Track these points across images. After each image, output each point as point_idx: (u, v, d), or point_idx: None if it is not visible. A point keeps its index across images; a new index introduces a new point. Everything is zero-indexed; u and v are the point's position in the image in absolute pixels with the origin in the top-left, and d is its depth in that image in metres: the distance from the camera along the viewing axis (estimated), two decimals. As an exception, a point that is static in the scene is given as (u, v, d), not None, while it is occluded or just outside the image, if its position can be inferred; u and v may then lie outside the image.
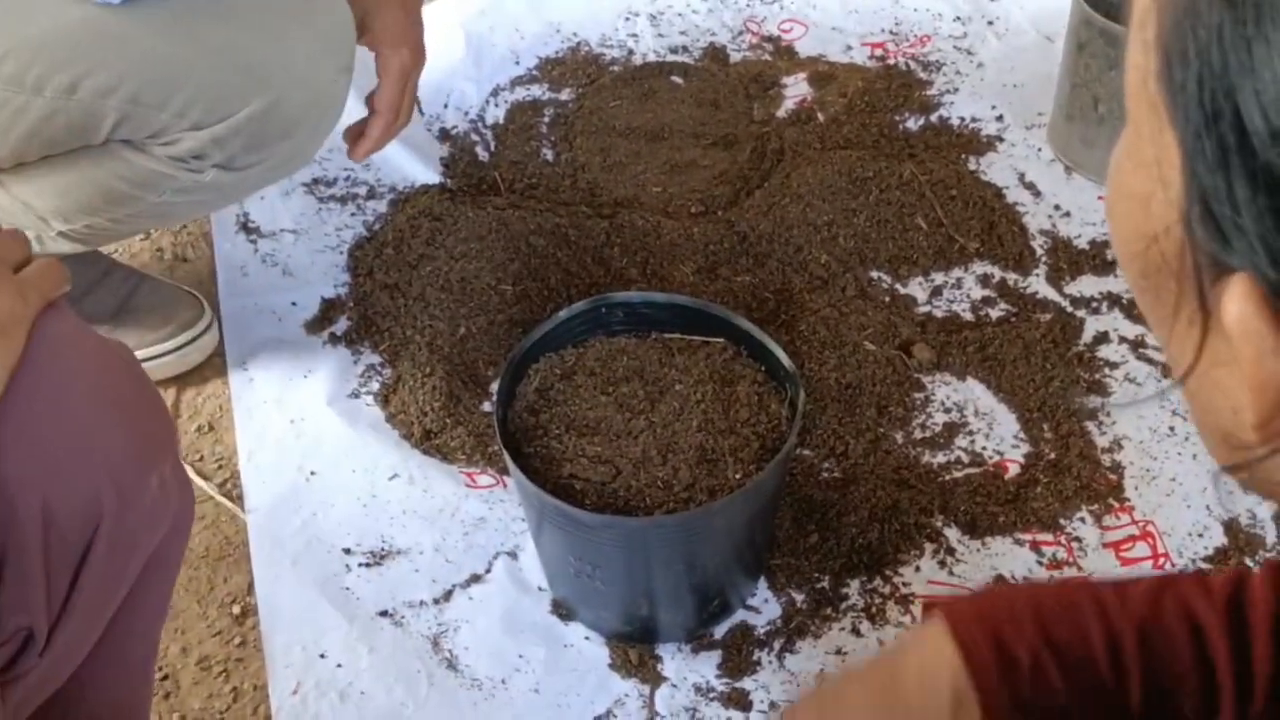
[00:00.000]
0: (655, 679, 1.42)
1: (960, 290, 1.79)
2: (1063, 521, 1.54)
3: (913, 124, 2.02)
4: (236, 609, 1.50)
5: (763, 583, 1.48)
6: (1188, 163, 0.49)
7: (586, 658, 1.44)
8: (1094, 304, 1.77)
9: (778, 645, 1.44)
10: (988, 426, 1.64)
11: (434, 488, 1.58)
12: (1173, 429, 1.62)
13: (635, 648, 1.44)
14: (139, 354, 1.02)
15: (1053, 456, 1.60)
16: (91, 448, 0.91)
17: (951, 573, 1.50)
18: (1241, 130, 0.47)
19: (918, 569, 1.50)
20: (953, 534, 1.53)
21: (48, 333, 0.91)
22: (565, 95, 2.08)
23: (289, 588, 1.50)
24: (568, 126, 2.02)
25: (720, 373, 1.41)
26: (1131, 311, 1.75)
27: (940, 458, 1.60)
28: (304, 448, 1.63)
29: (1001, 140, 2.00)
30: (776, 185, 1.89)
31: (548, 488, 1.31)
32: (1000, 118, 2.03)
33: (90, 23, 1.34)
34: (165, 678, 1.44)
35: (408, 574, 1.51)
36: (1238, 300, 0.49)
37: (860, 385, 1.65)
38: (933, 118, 2.03)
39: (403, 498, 1.58)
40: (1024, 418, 1.64)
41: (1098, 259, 1.82)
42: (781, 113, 2.04)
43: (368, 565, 1.52)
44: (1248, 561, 1.48)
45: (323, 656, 1.44)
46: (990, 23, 2.19)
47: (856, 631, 1.45)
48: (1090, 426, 1.62)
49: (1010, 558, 1.51)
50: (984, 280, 1.80)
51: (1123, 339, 1.72)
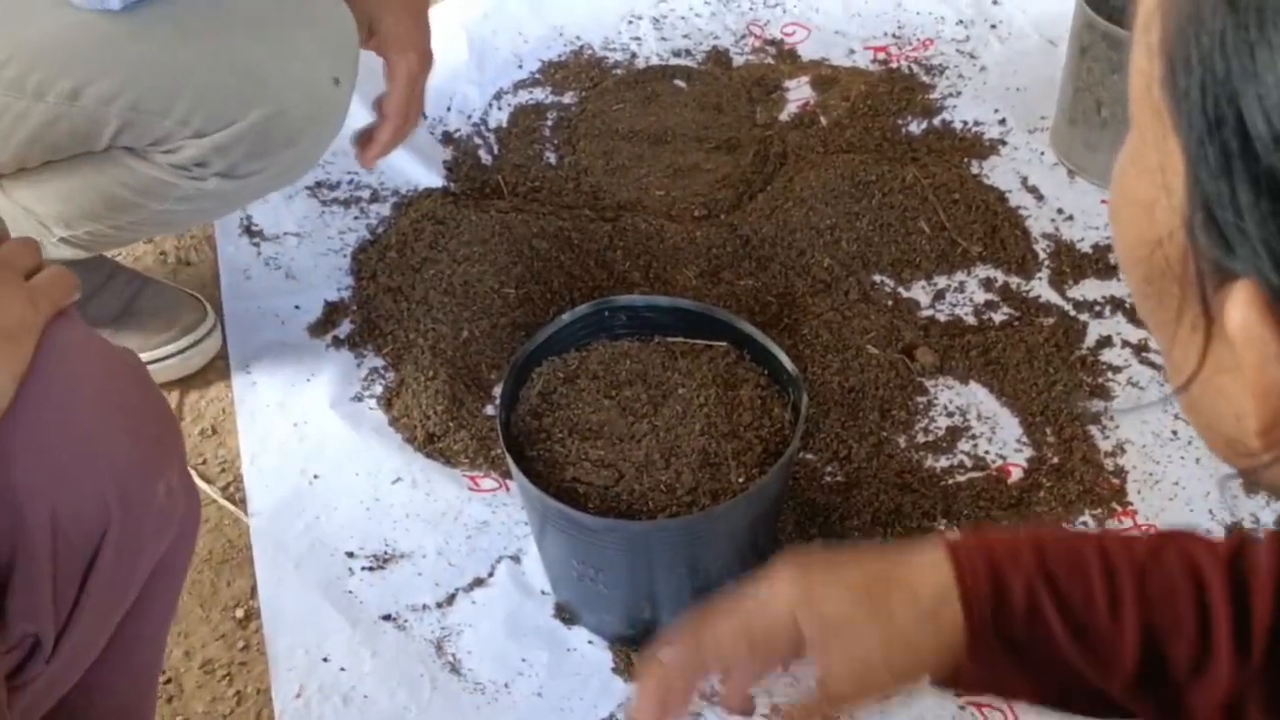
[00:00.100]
0: (658, 683, 1.42)
1: (963, 294, 1.79)
2: (1065, 525, 1.54)
3: (915, 128, 2.02)
4: (240, 613, 1.50)
5: (766, 586, 1.48)
6: (1191, 168, 0.50)
7: (589, 661, 1.44)
8: (1097, 308, 1.77)
9: (781, 649, 1.44)
10: (990, 430, 1.64)
11: (437, 491, 1.58)
12: (1176, 433, 1.62)
13: (638, 651, 1.44)
14: (142, 357, 1.02)
15: (1055, 461, 1.60)
16: (99, 454, 0.91)
17: (954, 577, 1.50)
18: (1245, 135, 0.47)
19: (920, 573, 1.50)
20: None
21: (57, 340, 0.91)
22: (568, 98, 2.08)
23: (292, 591, 1.50)
24: (570, 130, 2.02)
25: (723, 376, 1.41)
26: (1134, 315, 1.75)
27: (943, 462, 1.60)
28: (307, 451, 1.63)
29: (1004, 144, 2.00)
30: (779, 189, 1.89)
31: (551, 491, 1.32)
32: (1003, 121, 2.03)
33: (93, 29, 1.35)
34: (169, 681, 1.44)
35: (411, 577, 1.51)
36: (1241, 306, 0.49)
37: (863, 389, 1.65)
38: (935, 121, 2.03)
39: (406, 501, 1.58)
40: (1027, 422, 1.64)
41: (1100, 263, 1.82)
42: (784, 116, 2.04)
43: (371, 569, 1.52)
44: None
45: (326, 660, 1.44)
46: (993, 26, 2.19)
47: (859, 635, 1.45)
48: (1093, 430, 1.62)
49: (1013, 562, 1.51)
50: (987, 284, 1.80)
51: (1125, 343, 1.72)
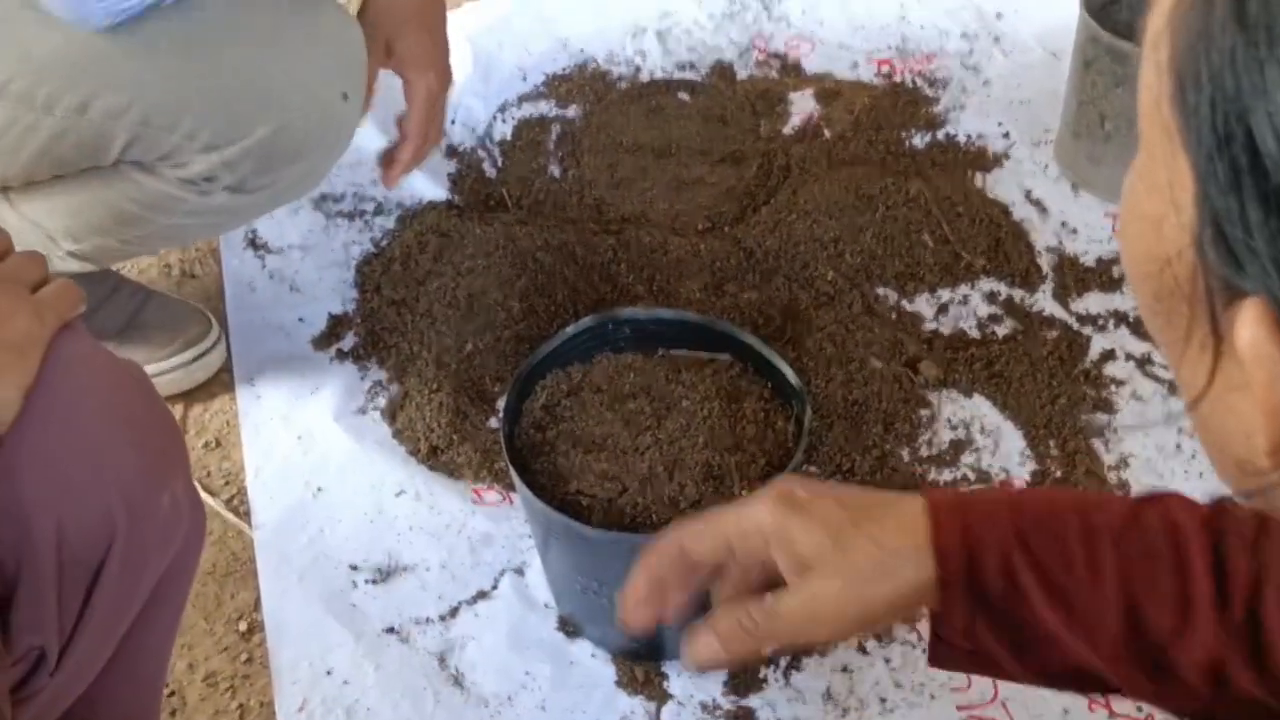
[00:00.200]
0: (661, 696, 1.42)
1: (967, 307, 1.79)
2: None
3: (919, 141, 2.02)
4: (243, 625, 1.50)
5: (769, 600, 1.48)
6: (1200, 185, 0.50)
7: (593, 675, 1.44)
8: (1100, 321, 1.77)
9: (784, 663, 1.44)
10: (994, 444, 1.64)
11: (441, 504, 1.58)
12: (1179, 446, 1.62)
13: (641, 665, 1.44)
14: (146, 370, 1.02)
15: (1059, 474, 1.60)
16: (104, 467, 0.91)
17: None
18: (1254, 152, 0.47)
19: (924, 586, 1.50)
20: (959, 551, 1.53)
21: (62, 353, 0.91)
22: (572, 112, 2.09)
23: (296, 604, 1.50)
24: (575, 143, 2.02)
25: (727, 389, 1.41)
26: (1138, 329, 1.75)
27: (946, 475, 1.60)
28: (311, 464, 1.63)
29: (1008, 157, 2.00)
30: (783, 202, 1.89)
31: (554, 504, 1.31)
32: (1007, 135, 2.03)
33: (102, 44, 1.35)
34: (172, 694, 1.44)
35: (414, 590, 1.51)
36: (1250, 324, 0.49)
37: (866, 402, 1.65)
38: (939, 135, 2.03)
39: (409, 514, 1.58)
40: (1030, 435, 1.64)
41: (1104, 276, 1.82)
42: (788, 129, 2.05)
43: (374, 582, 1.52)
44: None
45: (329, 673, 1.44)
46: (997, 40, 2.19)
47: (863, 649, 1.45)
48: (1097, 444, 1.62)
49: (1017, 575, 1.51)
50: (990, 297, 1.80)
51: (1129, 356, 1.72)
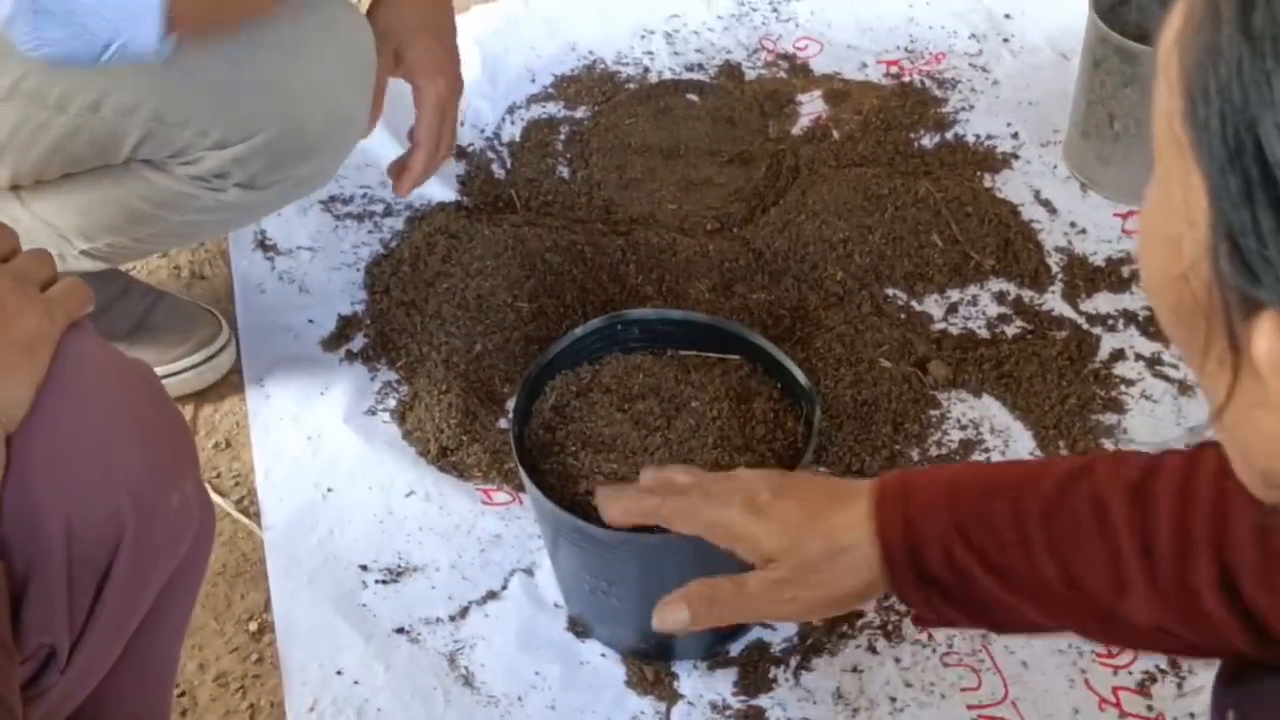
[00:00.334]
0: (671, 696, 1.42)
1: (976, 307, 1.79)
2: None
3: (928, 141, 2.02)
4: (254, 626, 1.50)
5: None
6: (1213, 199, 0.50)
7: (602, 675, 1.44)
8: (1110, 321, 1.76)
9: (794, 663, 1.44)
10: (1003, 444, 1.64)
11: (450, 505, 1.59)
12: (1188, 446, 1.61)
13: (651, 665, 1.44)
14: (156, 371, 1.02)
15: (1069, 474, 1.59)
16: (113, 465, 0.91)
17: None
18: (1264, 163, 0.47)
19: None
20: (969, 551, 1.53)
21: (71, 351, 0.92)
22: (581, 113, 2.09)
23: (306, 605, 1.50)
24: (583, 144, 2.02)
25: (736, 390, 1.41)
26: (1147, 329, 1.74)
27: (956, 475, 1.60)
28: (321, 465, 1.63)
29: (1017, 157, 2.00)
30: (792, 202, 1.89)
31: (564, 504, 1.32)
32: (1016, 135, 2.03)
33: None
34: (183, 694, 1.44)
35: (424, 591, 1.51)
36: (1268, 335, 0.49)
37: (876, 402, 1.65)
38: (948, 135, 2.03)
39: (419, 515, 1.58)
40: (1040, 435, 1.64)
41: (1113, 276, 1.82)
42: (797, 130, 2.05)
43: (384, 582, 1.52)
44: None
45: (339, 673, 1.44)
46: (1005, 40, 2.19)
47: (873, 649, 1.45)
48: (1106, 443, 1.62)
49: (1027, 575, 1.51)
50: (999, 297, 1.80)
51: (1139, 356, 1.72)
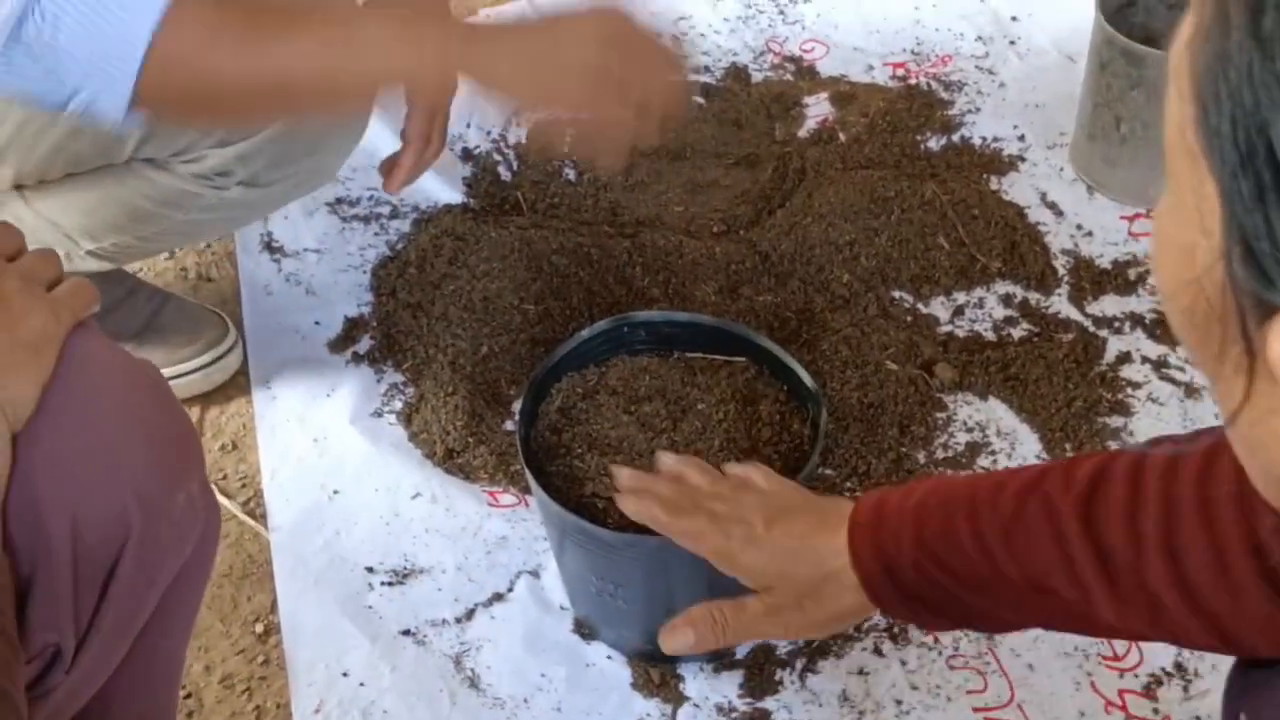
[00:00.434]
0: (677, 699, 1.42)
1: (982, 310, 1.79)
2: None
3: (934, 144, 2.02)
4: (260, 627, 1.50)
5: (785, 602, 1.47)
6: (1226, 204, 0.50)
7: (608, 677, 1.44)
8: (1116, 324, 1.76)
9: (800, 665, 1.44)
10: (1010, 446, 1.63)
11: (456, 507, 1.59)
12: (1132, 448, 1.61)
13: (657, 667, 1.44)
14: (163, 372, 1.02)
15: (1075, 476, 1.59)
16: (119, 465, 0.91)
17: (974, 593, 1.49)
18: (1276, 166, 0.48)
19: (940, 589, 1.49)
20: (975, 554, 1.52)
21: (77, 351, 0.92)
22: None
23: (312, 606, 1.50)
24: (590, 146, 2.02)
25: (742, 392, 1.41)
26: (1154, 331, 1.74)
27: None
28: (327, 466, 1.63)
29: (1023, 160, 1.99)
30: (798, 205, 1.89)
31: (570, 506, 1.31)
32: (1022, 137, 2.03)
33: None
34: (189, 696, 1.44)
35: (430, 593, 1.51)
36: None
37: (882, 405, 1.65)
38: (954, 137, 2.03)
39: (425, 516, 1.58)
40: (1046, 438, 1.64)
41: (1120, 279, 1.82)
42: (803, 132, 2.05)
43: (390, 584, 1.52)
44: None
45: (345, 675, 1.44)
46: (1012, 42, 2.19)
47: (879, 651, 1.45)
48: (1113, 446, 1.62)
49: (1033, 578, 1.50)
50: (1006, 300, 1.80)
51: (1145, 359, 1.72)
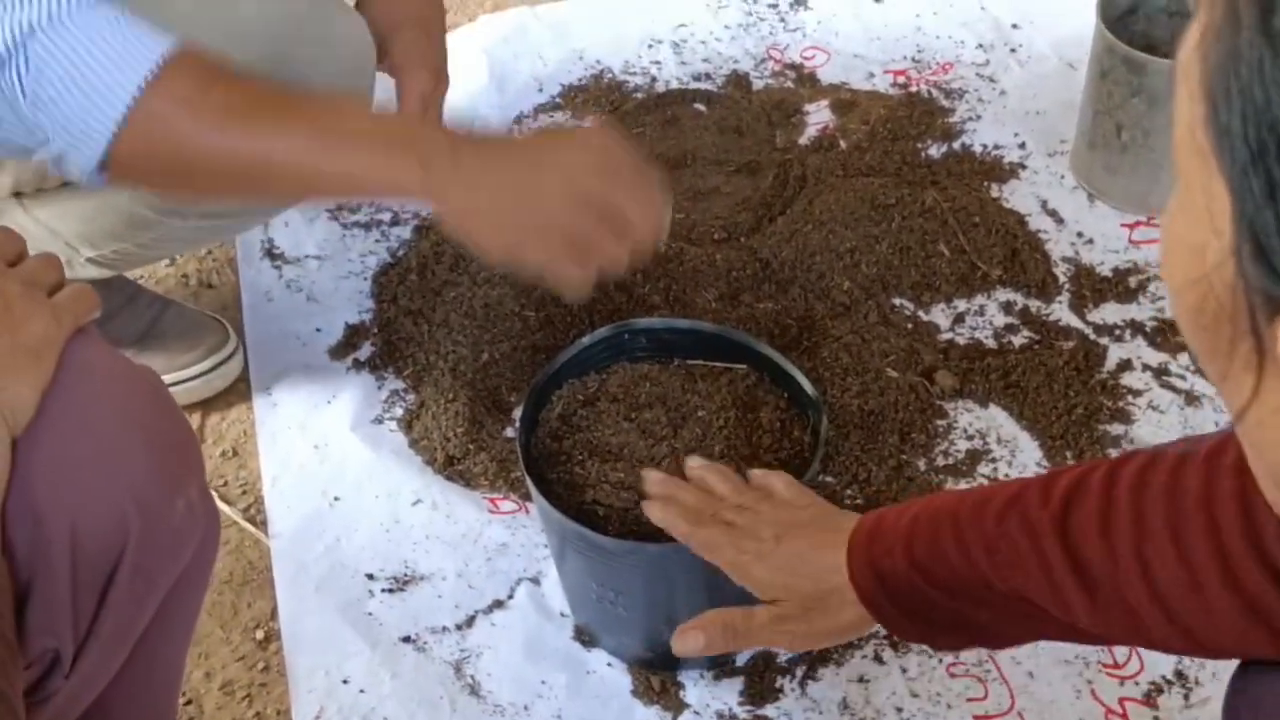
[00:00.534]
0: (677, 706, 1.42)
1: (983, 317, 1.79)
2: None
3: (935, 151, 2.02)
4: (260, 634, 1.50)
5: (785, 609, 1.47)
6: (1236, 202, 0.50)
7: (609, 684, 1.44)
8: (1117, 331, 1.76)
9: (800, 673, 1.44)
10: (1010, 454, 1.63)
11: (457, 513, 1.59)
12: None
13: (658, 675, 1.44)
14: (164, 379, 1.02)
15: (1076, 484, 1.59)
16: (118, 471, 0.91)
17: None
18: None
19: (941, 596, 1.49)
20: (976, 561, 1.52)
21: (77, 356, 0.92)
22: (589, 122, 2.09)
23: (312, 613, 1.50)
24: (591, 154, 2.02)
25: (743, 399, 1.41)
26: (1155, 339, 1.74)
27: (963, 485, 1.60)
28: (328, 473, 1.63)
29: (1024, 167, 1.99)
30: (799, 212, 1.89)
31: (570, 514, 1.31)
32: (1023, 145, 2.03)
33: None
34: (189, 703, 1.44)
35: (430, 600, 1.51)
36: None
37: (883, 412, 1.65)
38: (955, 145, 2.03)
39: (425, 523, 1.58)
40: (1047, 445, 1.64)
41: (1121, 286, 1.82)
42: (804, 140, 2.05)
43: (391, 591, 1.52)
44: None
45: (345, 682, 1.44)
46: (1013, 50, 2.19)
47: (879, 659, 1.45)
48: (1113, 454, 1.62)
49: (1034, 585, 1.50)
50: (1007, 307, 1.80)
51: (1146, 366, 1.72)
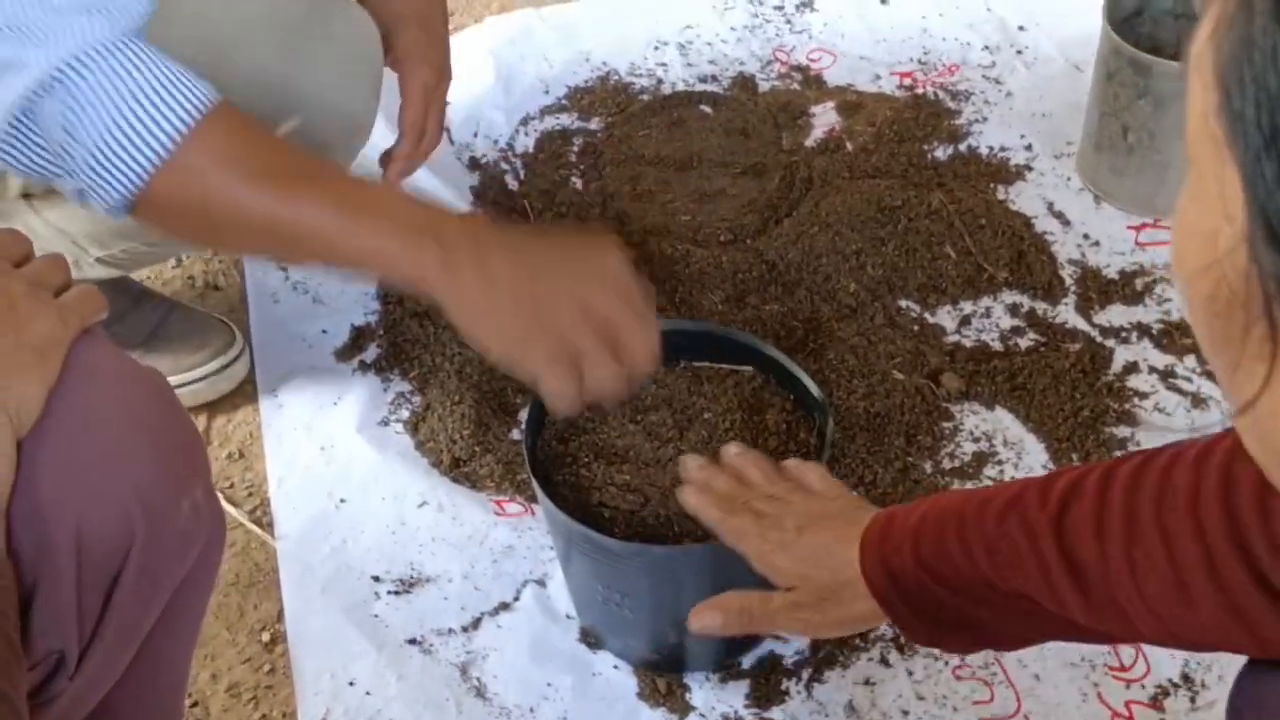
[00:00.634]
0: (683, 708, 1.42)
1: (989, 319, 1.79)
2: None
3: (941, 153, 2.02)
4: (266, 636, 1.50)
5: (791, 612, 1.47)
6: (1249, 188, 0.50)
7: (615, 686, 1.44)
8: (1123, 333, 1.76)
9: (806, 675, 1.44)
10: (1016, 456, 1.63)
11: (463, 515, 1.59)
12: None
13: (664, 677, 1.44)
14: (170, 380, 1.02)
15: (1083, 486, 1.59)
16: (123, 472, 0.91)
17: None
18: None
19: (947, 599, 1.49)
20: (982, 564, 1.52)
21: (83, 358, 0.92)
22: (594, 124, 2.09)
23: (318, 615, 1.50)
24: (597, 155, 2.03)
25: (749, 401, 1.41)
26: (1161, 341, 1.74)
27: (969, 487, 1.60)
28: (334, 475, 1.63)
29: (1030, 169, 1.99)
30: (805, 214, 1.89)
31: (576, 516, 1.31)
32: (1029, 147, 2.03)
33: None
34: (195, 705, 1.44)
35: (436, 601, 1.51)
36: None
37: (889, 414, 1.65)
38: (961, 147, 2.03)
39: (432, 525, 1.58)
40: (1053, 447, 1.63)
41: (1127, 288, 1.81)
42: (810, 142, 2.04)
43: (397, 593, 1.52)
44: None
45: (351, 684, 1.44)
46: (1019, 52, 2.19)
47: (885, 662, 1.45)
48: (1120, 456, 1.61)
49: (1040, 588, 1.50)
50: (1013, 309, 1.79)
51: (1152, 369, 1.72)
